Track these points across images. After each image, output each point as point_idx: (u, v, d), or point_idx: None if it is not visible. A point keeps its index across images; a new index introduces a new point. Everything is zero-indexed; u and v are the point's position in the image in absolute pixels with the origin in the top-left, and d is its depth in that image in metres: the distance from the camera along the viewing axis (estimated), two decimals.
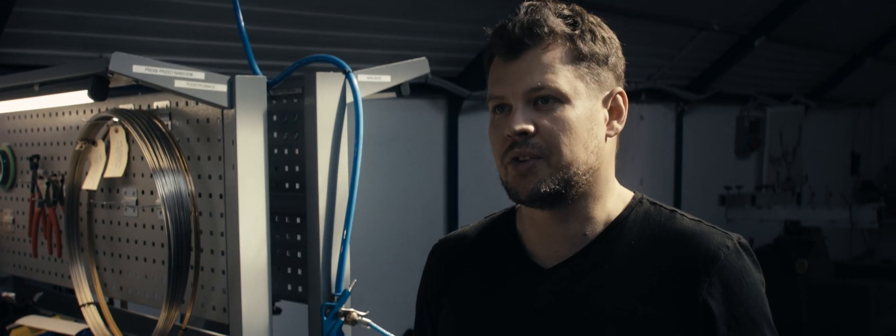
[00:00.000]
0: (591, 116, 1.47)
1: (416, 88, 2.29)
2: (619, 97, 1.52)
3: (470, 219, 1.76)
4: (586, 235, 1.53)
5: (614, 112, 1.52)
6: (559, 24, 1.47)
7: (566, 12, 1.49)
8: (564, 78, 1.45)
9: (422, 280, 1.75)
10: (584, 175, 1.47)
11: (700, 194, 8.34)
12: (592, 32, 1.49)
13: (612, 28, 1.54)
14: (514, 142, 1.45)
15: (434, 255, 1.74)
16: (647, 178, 7.64)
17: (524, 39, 1.46)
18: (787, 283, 6.92)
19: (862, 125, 11.52)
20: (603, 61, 1.49)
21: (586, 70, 1.47)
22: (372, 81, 2.10)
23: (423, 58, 2.21)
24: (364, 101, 2.03)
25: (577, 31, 1.47)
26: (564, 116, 1.44)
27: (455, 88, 5.63)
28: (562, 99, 1.45)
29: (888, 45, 9.88)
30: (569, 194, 1.47)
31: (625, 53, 1.55)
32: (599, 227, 1.53)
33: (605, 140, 1.51)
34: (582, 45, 1.47)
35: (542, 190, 1.45)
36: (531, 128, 1.44)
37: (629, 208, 1.55)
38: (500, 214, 1.69)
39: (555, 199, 1.47)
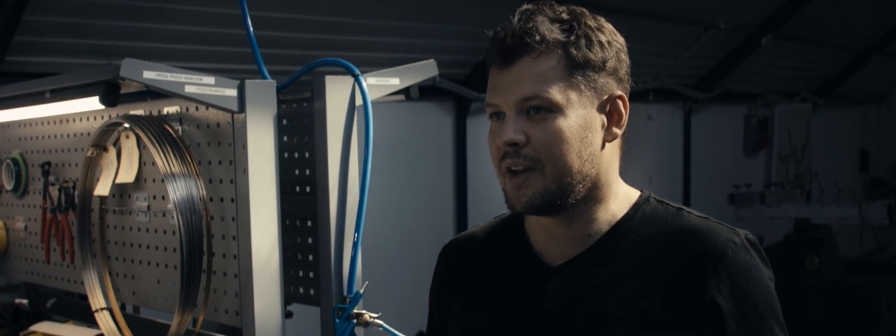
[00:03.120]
0: (584, 125, 1.46)
1: (424, 91, 2.29)
2: (618, 102, 1.51)
3: (479, 220, 1.77)
4: (591, 236, 1.54)
5: (614, 117, 1.51)
6: (552, 32, 1.45)
7: (563, 16, 1.47)
8: (556, 88, 1.44)
9: (432, 281, 1.76)
10: (580, 183, 1.47)
11: (709, 193, 8.33)
12: (588, 38, 1.47)
13: (617, 28, 1.53)
14: (507, 152, 1.46)
15: (443, 255, 1.75)
16: (655, 177, 7.63)
17: (516, 48, 1.45)
18: (797, 281, 6.91)
19: (870, 122, 11.49)
20: (599, 67, 1.47)
21: (581, 78, 1.46)
22: (381, 84, 2.11)
23: (432, 60, 2.22)
24: (373, 103, 2.04)
25: (571, 38, 1.46)
26: (557, 127, 1.44)
27: (463, 90, 5.64)
28: (554, 109, 1.44)
29: (895, 41, 9.86)
30: (565, 203, 1.47)
31: (631, 53, 1.54)
32: (604, 228, 1.54)
33: (603, 146, 1.50)
34: (576, 53, 1.45)
35: (537, 202, 1.46)
36: (522, 138, 1.44)
37: (635, 207, 1.55)
38: (509, 215, 1.69)
39: (550, 209, 1.48)
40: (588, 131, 1.47)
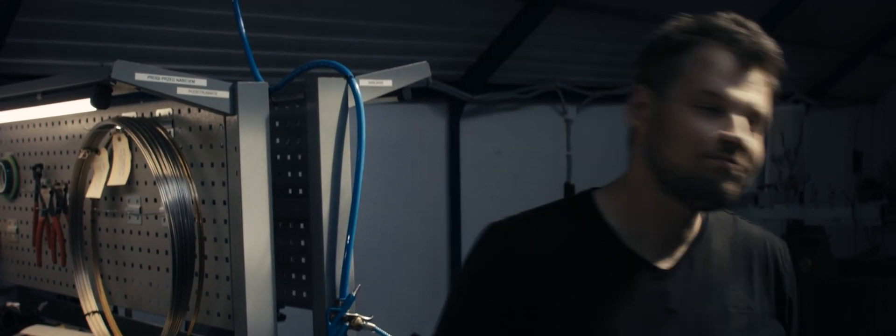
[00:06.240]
0: None
1: (418, 93, 2.29)
2: None
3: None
4: (689, 238, 1.60)
5: None
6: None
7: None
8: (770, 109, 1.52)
9: (480, 294, 1.57)
10: None
11: None
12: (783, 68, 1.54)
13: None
14: (734, 146, 1.46)
15: (501, 267, 1.56)
16: None
17: (761, 57, 1.48)
18: None
19: (864, 122, 11.49)
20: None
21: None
22: (373, 86, 2.11)
23: (425, 62, 2.21)
24: (366, 105, 2.03)
25: (781, 68, 1.52)
26: (761, 143, 1.51)
27: (456, 92, 5.63)
28: (765, 127, 1.51)
29: (888, 41, 9.87)
30: None
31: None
32: (697, 229, 1.61)
33: None
34: (777, 84, 1.52)
35: (738, 199, 1.51)
36: None
37: (705, 213, 1.63)
38: (562, 213, 1.63)
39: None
40: None
